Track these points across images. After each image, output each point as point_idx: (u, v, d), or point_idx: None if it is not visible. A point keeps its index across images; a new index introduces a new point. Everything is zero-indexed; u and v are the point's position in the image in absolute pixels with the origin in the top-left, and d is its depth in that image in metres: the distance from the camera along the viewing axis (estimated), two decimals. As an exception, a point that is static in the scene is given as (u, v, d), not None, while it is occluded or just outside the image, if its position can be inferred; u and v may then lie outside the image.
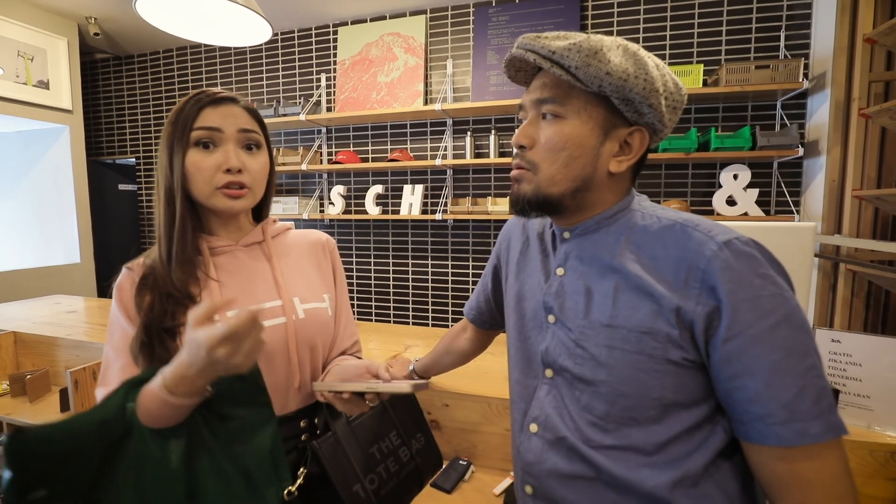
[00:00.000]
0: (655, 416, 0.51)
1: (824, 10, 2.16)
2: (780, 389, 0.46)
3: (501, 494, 1.00)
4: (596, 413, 0.54)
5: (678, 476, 0.50)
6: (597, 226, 0.59)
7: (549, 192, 0.57)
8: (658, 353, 0.50)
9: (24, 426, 0.53)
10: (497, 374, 1.23)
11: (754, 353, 0.47)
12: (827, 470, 0.46)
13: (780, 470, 0.47)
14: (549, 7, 2.56)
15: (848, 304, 2.04)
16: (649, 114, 0.55)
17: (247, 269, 0.72)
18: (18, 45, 2.74)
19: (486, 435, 1.11)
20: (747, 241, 0.50)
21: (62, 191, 3.13)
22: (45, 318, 1.90)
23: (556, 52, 0.53)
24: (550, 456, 0.57)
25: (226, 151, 0.66)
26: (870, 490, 0.88)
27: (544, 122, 0.57)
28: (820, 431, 0.45)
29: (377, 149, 3.00)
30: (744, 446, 0.51)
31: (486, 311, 0.87)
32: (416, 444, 0.80)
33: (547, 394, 0.59)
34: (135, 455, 0.54)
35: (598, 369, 0.53)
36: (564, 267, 0.60)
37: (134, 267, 0.69)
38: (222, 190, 0.66)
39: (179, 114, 0.66)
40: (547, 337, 0.59)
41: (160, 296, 0.63)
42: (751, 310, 0.47)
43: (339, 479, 0.66)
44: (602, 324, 0.54)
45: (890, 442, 0.88)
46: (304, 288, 0.75)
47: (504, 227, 0.79)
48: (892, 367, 0.88)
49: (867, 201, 1.95)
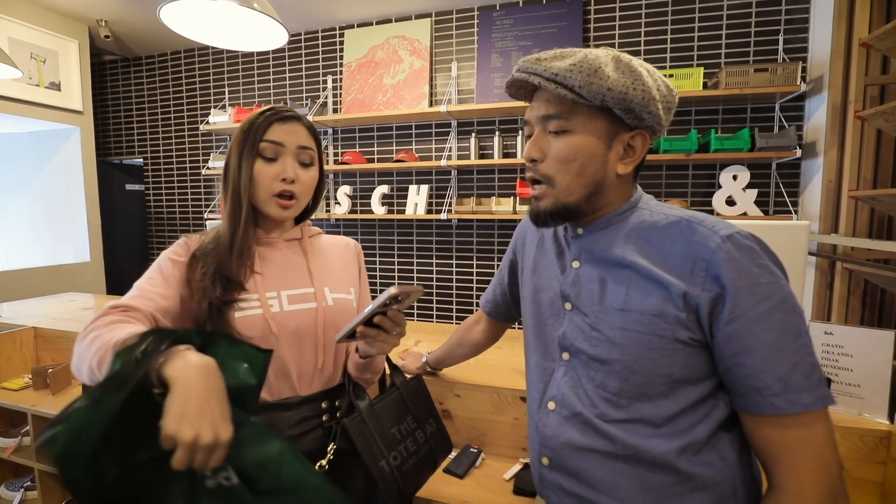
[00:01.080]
0: (664, 391, 0.57)
1: (821, 15, 2.21)
2: (775, 365, 0.51)
3: (511, 479, 1.05)
4: (610, 390, 0.59)
5: (684, 444, 0.56)
6: (607, 223, 0.64)
7: (567, 201, 0.62)
8: (667, 334, 0.56)
9: (49, 418, 0.54)
10: (504, 366, 1.28)
11: (753, 333, 0.52)
12: (814, 437, 0.52)
13: (774, 436, 0.53)
14: (552, 11, 2.61)
15: (844, 301, 2.09)
16: (649, 118, 0.60)
17: (286, 260, 0.81)
18: (31, 48, 2.79)
19: (495, 424, 1.16)
20: (747, 234, 0.56)
21: (72, 191, 3.18)
22: (63, 314, 1.95)
23: (559, 74, 0.57)
24: (566, 430, 0.63)
25: (284, 163, 0.76)
26: (860, 473, 0.93)
27: (552, 136, 0.62)
28: (810, 401, 0.51)
29: (383, 149, 3.05)
30: (742, 417, 0.56)
31: (502, 304, 0.92)
32: (430, 428, 0.86)
33: (564, 375, 0.65)
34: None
35: (612, 349, 0.59)
36: (580, 260, 0.65)
37: (192, 240, 0.78)
38: (276, 199, 0.76)
39: (251, 125, 0.75)
40: (564, 323, 0.65)
41: (214, 276, 0.71)
42: (750, 295, 0.52)
43: (367, 455, 0.72)
44: (616, 308, 0.59)
45: (879, 428, 0.93)
46: (333, 280, 0.83)
47: (519, 225, 0.85)
48: (881, 358, 0.94)
49: (863, 201, 2.00)
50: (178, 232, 3.68)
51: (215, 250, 0.74)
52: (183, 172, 3.61)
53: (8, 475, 1.68)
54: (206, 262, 0.73)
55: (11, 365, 1.67)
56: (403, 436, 0.79)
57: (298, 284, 0.79)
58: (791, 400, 0.51)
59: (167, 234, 3.73)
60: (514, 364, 1.30)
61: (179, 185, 3.63)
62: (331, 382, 0.80)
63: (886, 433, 0.92)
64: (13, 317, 1.86)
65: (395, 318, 0.68)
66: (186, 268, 0.73)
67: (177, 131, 3.59)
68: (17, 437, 1.57)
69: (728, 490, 0.57)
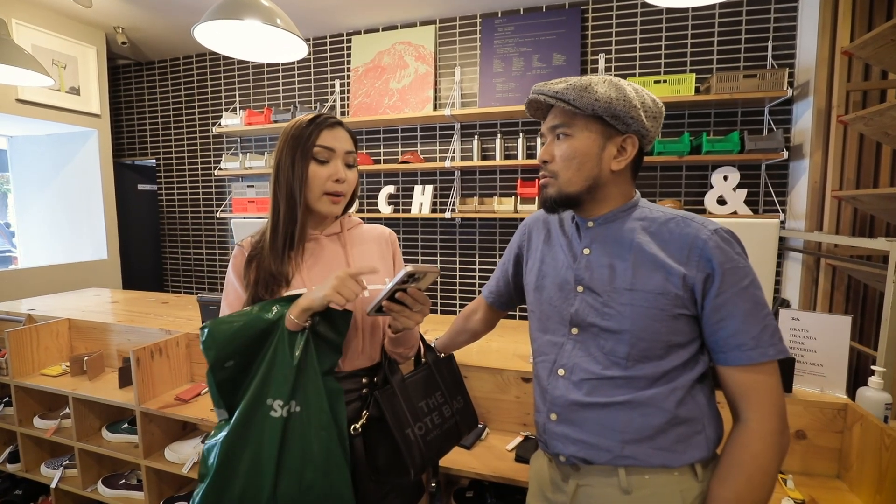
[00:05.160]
0: (661, 353, 0.72)
1: (808, 24, 2.33)
2: (750, 327, 0.68)
3: (513, 450, 1.17)
4: (619, 354, 0.74)
5: (672, 389, 0.73)
6: (614, 217, 0.79)
7: (568, 191, 0.77)
8: (668, 308, 0.71)
9: (207, 321, 0.84)
10: (506, 352, 1.40)
11: (735, 302, 0.69)
12: (772, 382, 0.69)
13: (745, 380, 0.70)
14: (551, 19, 2.73)
15: (828, 296, 2.20)
16: (634, 124, 0.75)
17: (327, 253, 0.92)
18: (53, 54, 2.92)
19: (499, 402, 1.28)
20: (728, 230, 0.73)
21: (90, 191, 3.31)
22: (92, 307, 2.08)
23: (558, 92, 0.75)
24: (573, 391, 0.77)
25: (335, 166, 0.87)
26: (820, 441, 1.06)
27: (558, 142, 0.78)
28: (774, 353, 0.68)
29: (388, 151, 3.18)
30: (720, 370, 0.72)
31: (505, 293, 1.04)
32: (457, 404, 0.96)
33: (573, 347, 0.79)
34: (275, 345, 0.79)
35: (623, 322, 0.73)
36: (590, 248, 0.79)
37: (244, 245, 0.91)
38: (328, 196, 0.87)
39: (302, 131, 0.86)
40: (576, 303, 0.78)
41: (264, 274, 0.84)
42: (733, 275, 0.69)
43: (394, 423, 0.83)
44: (625, 288, 0.73)
45: (837, 402, 1.05)
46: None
47: (524, 222, 0.97)
48: (840, 340, 1.06)
49: (846, 201, 2.11)
50: (190, 231, 3.81)
51: (265, 249, 0.86)
52: (195, 173, 3.73)
53: (46, 455, 1.81)
54: (260, 262, 0.85)
55: (49, 354, 1.80)
56: (431, 409, 0.90)
57: None
58: (761, 353, 0.68)
59: (179, 233, 3.85)
60: (515, 349, 1.42)
61: (191, 186, 3.76)
62: (370, 361, 0.92)
63: (843, 406, 1.04)
64: (45, 310, 1.99)
65: (415, 296, 0.80)
66: (245, 270, 0.87)
67: (189, 133, 3.71)
68: (56, 419, 1.70)
69: (700, 426, 0.73)
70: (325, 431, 0.78)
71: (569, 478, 0.79)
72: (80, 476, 1.64)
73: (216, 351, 0.77)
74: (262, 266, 0.85)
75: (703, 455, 0.73)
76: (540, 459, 0.88)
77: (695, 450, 0.72)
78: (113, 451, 1.56)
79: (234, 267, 0.89)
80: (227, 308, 0.88)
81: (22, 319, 1.91)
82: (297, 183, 0.85)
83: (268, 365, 0.78)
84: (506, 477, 1.09)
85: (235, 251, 0.91)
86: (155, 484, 1.56)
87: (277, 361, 0.78)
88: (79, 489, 1.64)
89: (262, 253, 0.87)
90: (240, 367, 0.79)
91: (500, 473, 1.10)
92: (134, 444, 1.58)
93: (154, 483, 1.55)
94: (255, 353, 0.79)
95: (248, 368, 0.79)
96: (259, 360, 0.79)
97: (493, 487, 1.26)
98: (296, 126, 0.87)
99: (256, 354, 0.79)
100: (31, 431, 1.70)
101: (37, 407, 1.79)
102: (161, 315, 1.93)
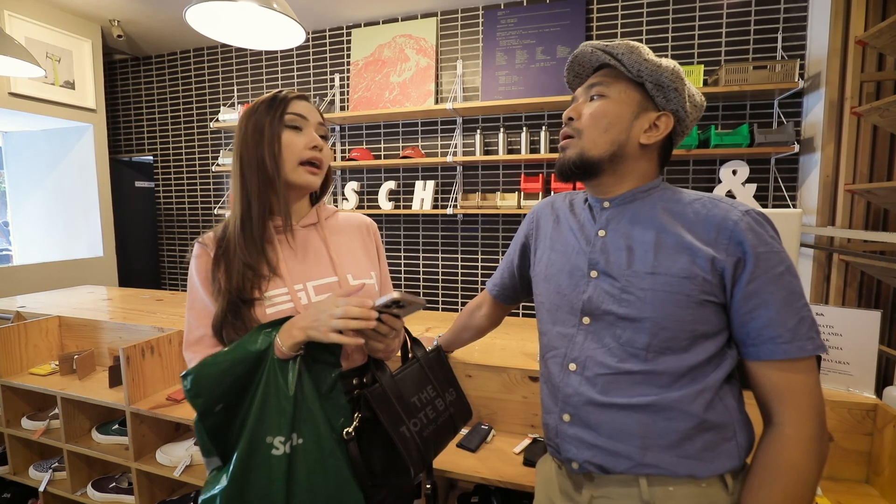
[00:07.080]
0: (686, 345, 0.65)
1: (819, 14, 2.26)
2: (786, 317, 0.61)
3: (521, 453, 1.11)
4: (638, 345, 0.67)
5: (699, 390, 0.65)
6: (633, 197, 0.73)
7: (590, 154, 0.71)
8: (694, 293, 0.64)
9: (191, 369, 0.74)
10: (512, 349, 1.34)
11: (769, 290, 0.61)
12: (811, 381, 0.62)
13: (780, 379, 0.62)
14: (555, 10, 2.67)
15: (841, 292, 2.15)
16: (675, 99, 0.69)
17: (306, 247, 0.84)
18: (47, 47, 2.86)
19: (505, 402, 1.22)
20: (760, 212, 0.66)
21: (86, 187, 3.25)
22: (84, 304, 2.02)
23: (608, 47, 0.71)
24: (587, 389, 0.70)
25: (310, 133, 0.81)
26: (848, 444, 1.00)
27: (590, 102, 0.72)
28: (812, 348, 0.61)
29: (389, 146, 3.12)
30: (751, 366, 0.65)
31: (510, 286, 0.98)
32: (449, 396, 0.91)
33: (585, 338, 0.72)
34: (265, 377, 0.71)
35: (643, 308, 0.66)
36: (606, 230, 0.73)
37: (206, 241, 0.81)
38: (305, 166, 0.80)
39: (271, 102, 0.79)
40: (589, 289, 0.71)
41: (240, 268, 0.76)
42: (767, 259, 0.62)
43: (388, 421, 0.77)
44: (645, 272, 0.67)
45: (866, 402, 0.99)
46: (355, 266, 0.87)
47: (531, 211, 0.91)
48: (868, 337, 1.00)
49: (859, 195, 2.06)
50: (188, 228, 3.76)
51: (234, 241, 0.77)
52: (192, 169, 3.67)
53: (35, 457, 1.76)
54: (229, 258, 0.77)
55: (38, 352, 1.75)
56: (423, 404, 0.85)
57: (322, 274, 0.82)
58: (799, 347, 0.60)
59: (177, 230, 3.80)
60: (521, 347, 1.36)
61: (189, 182, 3.70)
62: (360, 361, 0.86)
63: (873, 406, 0.98)
64: (36, 307, 1.94)
65: (393, 324, 0.74)
66: (213, 271, 0.77)
67: (186, 129, 3.66)
68: (45, 420, 1.64)
69: (730, 432, 0.66)
70: (332, 458, 0.72)
71: (582, 488, 0.72)
72: (69, 479, 1.58)
73: (205, 398, 0.69)
74: (233, 262, 0.76)
75: (733, 464, 0.65)
76: (547, 464, 0.82)
77: (724, 458, 0.65)
78: (103, 453, 1.50)
79: (199, 270, 0.78)
80: (193, 320, 0.78)
81: (11, 317, 1.85)
82: (270, 153, 0.77)
83: (260, 400, 0.70)
84: (513, 482, 1.03)
85: (197, 250, 0.80)
86: (146, 487, 1.50)
87: (271, 395, 0.70)
88: (68, 493, 1.58)
89: (229, 247, 0.78)
90: (230, 409, 0.71)
91: (507, 478, 1.04)
92: (125, 445, 1.52)
93: (145, 486, 1.49)
94: (245, 390, 0.71)
95: (238, 407, 0.72)
96: (249, 397, 0.71)
97: (499, 492, 1.20)
98: (259, 103, 0.80)
99: (246, 391, 0.71)
100: (18, 433, 1.65)
101: (25, 407, 1.73)
102: (154, 312, 1.88)
